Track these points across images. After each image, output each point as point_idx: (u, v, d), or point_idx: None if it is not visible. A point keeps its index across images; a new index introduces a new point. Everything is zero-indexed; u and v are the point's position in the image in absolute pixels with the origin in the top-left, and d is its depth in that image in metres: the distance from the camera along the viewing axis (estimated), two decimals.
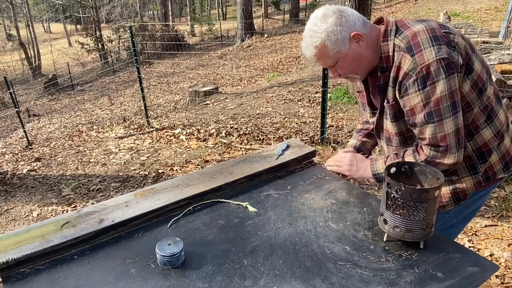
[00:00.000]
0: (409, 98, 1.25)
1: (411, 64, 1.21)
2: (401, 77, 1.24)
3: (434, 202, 1.06)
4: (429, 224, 1.08)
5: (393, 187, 1.07)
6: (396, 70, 1.26)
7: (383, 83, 1.33)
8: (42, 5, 29.27)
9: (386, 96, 1.35)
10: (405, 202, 1.06)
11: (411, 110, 1.26)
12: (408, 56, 1.22)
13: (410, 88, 1.23)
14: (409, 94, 1.24)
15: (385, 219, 1.12)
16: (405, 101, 1.27)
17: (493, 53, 3.69)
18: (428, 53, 1.19)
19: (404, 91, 1.25)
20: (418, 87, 1.21)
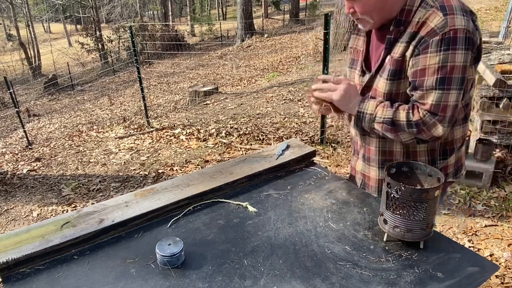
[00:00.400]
0: (426, 57, 1.19)
1: (441, 22, 1.16)
2: (424, 32, 1.18)
3: (434, 202, 1.05)
4: (429, 224, 1.08)
5: (393, 187, 1.06)
6: (419, 25, 1.20)
7: (394, 37, 1.27)
8: (42, 5, 29.27)
9: (392, 51, 1.27)
10: (405, 202, 1.06)
11: (422, 70, 1.20)
12: (440, 13, 1.17)
13: (431, 47, 1.17)
14: (428, 52, 1.18)
15: (385, 219, 1.12)
16: (420, 59, 1.20)
17: (493, 53, 3.69)
18: (459, 19, 1.16)
19: (423, 48, 1.19)
20: (440, 47, 1.16)
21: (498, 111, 3.29)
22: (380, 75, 1.32)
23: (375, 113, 1.27)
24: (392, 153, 1.39)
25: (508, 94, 3.23)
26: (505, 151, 3.38)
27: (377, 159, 1.42)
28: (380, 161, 1.42)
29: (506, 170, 3.25)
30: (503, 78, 3.18)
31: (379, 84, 1.31)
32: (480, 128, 3.38)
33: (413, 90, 1.24)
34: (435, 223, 1.14)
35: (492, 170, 3.11)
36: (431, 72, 1.19)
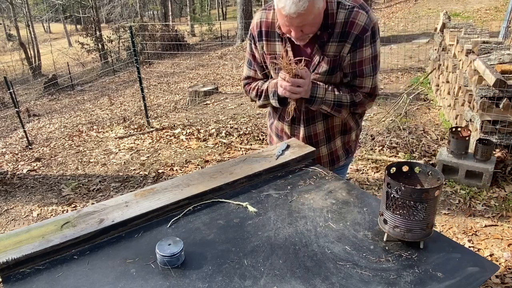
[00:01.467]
0: (362, 50, 1.42)
1: (367, 19, 1.38)
2: (357, 30, 1.38)
3: (434, 202, 1.05)
4: (429, 224, 1.08)
5: (393, 187, 1.07)
6: (348, 25, 1.39)
7: (326, 39, 1.43)
8: (42, 5, 29.26)
9: (325, 52, 1.45)
10: (405, 202, 1.07)
11: (360, 61, 1.44)
12: (363, 12, 1.39)
13: (365, 41, 1.40)
14: (363, 46, 1.41)
15: (385, 219, 1.12)
16: (358, 53, 1.42)
17: (493, 53, 3.69)
18: (372, 14, 1.40)
19: (360, 43, 1.40)
20: (371, 41, 1.41)
21: (498, 111, 3.29)
22: (316, 72, 1.50)
23: (325, 97, 1.49)
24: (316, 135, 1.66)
25: (508, 94, 3.23)
26: (505, 151, 3.38)
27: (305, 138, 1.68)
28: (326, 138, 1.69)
29: (506, 170, 3.25)
30: (503, 78, 3.18)
31: (318, 79, 1.50)
32: (480, 128, 3.38)
33: (352, 79, 1.49)
34: (435, 223, 1.15)
35: (492, 170, 3.11)
36: (367, 61, 1.44)
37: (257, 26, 1.57)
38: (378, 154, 3.89)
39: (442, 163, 3.32)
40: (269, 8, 1.55)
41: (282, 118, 1.72)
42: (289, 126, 1.70)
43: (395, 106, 5.02)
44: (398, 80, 6.60)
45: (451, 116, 4.41)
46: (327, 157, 1.71)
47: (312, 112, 1.60)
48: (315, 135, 1.66)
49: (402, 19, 12.98)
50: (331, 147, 1.70)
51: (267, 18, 1.54)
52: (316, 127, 1.64)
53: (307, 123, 1.63)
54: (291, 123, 1.68)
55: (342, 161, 1.76)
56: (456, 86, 4.24)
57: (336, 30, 1.41)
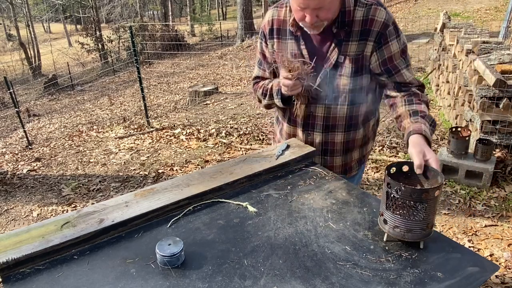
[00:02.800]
0: (389, 46, 1.37)
1: (386, 15, 1.35)
2: (378, 27, 1.34)
3: (434, 202, 1.05)
4: (429, 224, 1.08)
5: (393, 187, 1.06)
6: (368, 23, 1.35)
7: (343, 37, 1.38)
8: (42, 5, 29.26)
9: (346, 51, 1.39)
10: (405, 202, 1.06)
11: (390, 57, 1.38)
12: (381, 8, 1.35)
13: (390, 36, 1.36)
14: (389, 41, 1.36)
15: (385, 219, 1.11)
16: (385, 49, 1.37)
17: (493, 53, 3.69)
18: (389, 11, 1.38)
19: (384, 39, 1.36)
20: (396, 34, 1.37)
21: (498, 111, 3.29)
22: (339, 73, 1.42)
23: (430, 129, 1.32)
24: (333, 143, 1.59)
25: (508, 94, 3.23)
26: (505, 151, 3.38)
27: None
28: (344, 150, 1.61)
29: (506, 170, 3.25)
30: (503, 78, 3.18)
31: (342, 81, 1.42)
32: (480, 128, 3.38)
33: (390, 77, 1.40)
34: (435, 223, 1.15)
35: (492, 170, 3.11)
36: (398, 56, 1.38)
37: (268, 23, 1.53)
38: (378, 154, 3.89)
39: (442, 163, 3.32)
40: (280, 5, 1.51)
41: (293, 122, 1.62)
42: (303, 131, 1.60)
43: None
44: None
45: (451, 116, 4.41)
46: (340, 168, 1.63)
47: (332, 121, 1.51)
48: (332, 144, 1.57)
49: (402, 19, 12.98)
50: (346, 159, 1.62)
51: (279, 16, 1.50)
52: (334, 137, 1.55)
53: (325, 130, 1.54)
54: (303, 128, 1.58)
55: (355, 171, 1.69)
56: (456, 86, 4.24)
57: (355, 28, 1.36)
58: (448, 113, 4.59)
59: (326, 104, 1.48)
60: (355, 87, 1.42)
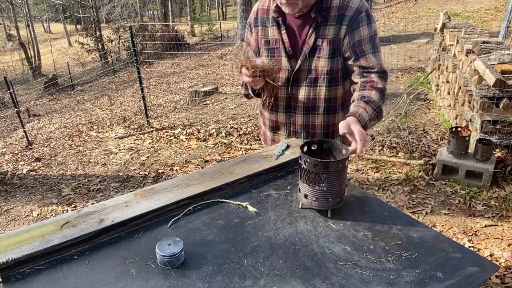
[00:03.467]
0: (359, 30, 1.47)
1: (360, 2, 1.47)
2: (352, 12, 1.46)
3: (336, 175, 1.18)
4: (334, 195, 1.21)
5: (302, 159, 1.21)
6: (343, 9, 1.46)
7: (320, 22, 1.48)
8: (42, 5, 29.25)
9: (324, 34, 1.49)
10: (311, 172, 1.20)
11: (359, 41, 1.48)
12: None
13: (361, 22, 1.46)
14: (360, 26, 1.47)
15: (299, 189, 1.26)
16: (355, 33, 1.47)
17: (493, 53, 3.69)
18: (364, 1, 1.50)
19: (356, 24, 1.46)
20: (367, 21, 1.47)
21: (498, 111, 3.29)
22: (317, 56, 1.52)
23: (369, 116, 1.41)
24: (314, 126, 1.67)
25: (508, 94, 3.23)
26: (505, 151, 3.38)
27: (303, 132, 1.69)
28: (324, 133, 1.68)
29: (506, 170, 3.25)
30: (503, 78, 3.18)
31: (321, 64, 1.52)
32: (480, 128, 3.38)
33: (356, 60, 1.50)
34: (343, 196, 1.26)
35: (492, 170, 3.11)
36: (366, 41, 1.48)
37: (253, 13, 1.67)
38: (378, 154, 3.89)
39: (442, 163, 3.32)
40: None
41: (275, 107, 1.70)
42: (285, 114, 1.68)
43: (395, 106, 5.02)
44: (398, 80, 6.60)
45: (451, 116, 4.41)
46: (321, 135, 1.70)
47: (312, 102, 1.60)
48: (313, 126, 1.66)
49: (402, 19, 12.98)
50: None
51: (263, 6, 1.63)
52: (315, 119, 1.64)
53: (307, 111, 1.63)
54: (286, 110, 1.67)
55: None
56: (456, 86, 4.24)
57: (331, 14, 1.47)
58: (448, 113, 4.59)
59: (307, 85, 1.57)
60: (333, 68, 1.52)
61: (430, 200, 3.12)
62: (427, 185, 3.32)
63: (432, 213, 2.98)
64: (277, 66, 1.60)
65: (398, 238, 1.14)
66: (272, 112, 1.73)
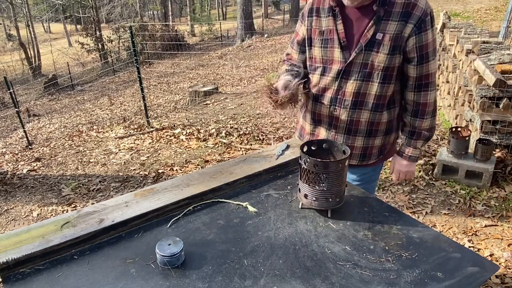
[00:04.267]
0: (427, 33, 1.41)
1: (426, 3, 1.40)
2: (419, 12, 1.39)
3: (336, 175, 1.18)
4: (334, 195, 1.21)
5: (302, 159, 1.21)
6: (410, 6, 1.39)
7: (381, 15, 1.42)
8: (42, 5, 29.24)
9: (384, 29, 1.42)
10: (311, 172, 1.20)
11: (426, 44, 1.43)
12: None
13: (428, 24, 1.41)
14: (427, 29, 1.41)
15: (299, 189, 1.27)
16: (423, 36, 1.42)
17: (493, 53, 3.69)
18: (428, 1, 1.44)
19: (424, 26, 1.40)
20: (430, 24, 1.42)
21: (498, 111, 3.29)
22: (376, 50, 1.45)
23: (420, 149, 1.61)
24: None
25: (508, 94, 3.23)
26: (505, 151, 3.38)
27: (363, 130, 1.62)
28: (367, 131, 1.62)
29: (506, 170, 3.25)
30: (503, 78, 3.18)
31: (378, 59, 1.45)
32: (480, 128, 3.38)
33: (419, 64, 1.46)
34: (343, 196, 1.27)
35: (492, 170, 3.11)
36: (431, 45, 1.44)
37: (309, 4, 1.60)
38: None
39: (442, 163, 3.32)
40: None
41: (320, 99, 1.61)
42: (329, 106, 1.59)
43: None
44: None
45: (451, 116, 4.41)
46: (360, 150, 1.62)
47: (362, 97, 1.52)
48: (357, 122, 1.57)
49: None
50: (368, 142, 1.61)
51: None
52: (360, 115, 1.55)
53: (353, 106, 1.54)
54: (331, 102, 1.58)
55: (373, 159, 1.65)
56: (456, 86, 4.24)
57: (395, 9, 1.40)
58: (448, 113, 4.59)
59: (358, 79, 1.49)
60: (389, 65, 1.46)
61: (430, 200, 3.12)
62: (427, 185, 3.32)
63: (432, 213, 2.98)
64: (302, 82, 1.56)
65: (398, 238, 1.14)
66: (316, 103, 1.63)
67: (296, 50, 1.68)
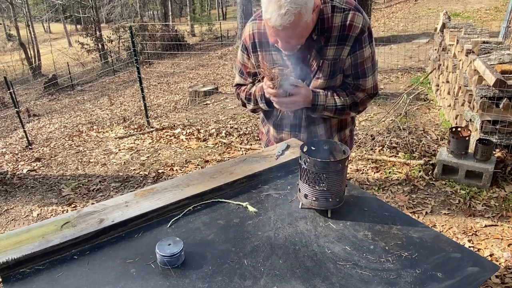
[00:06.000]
0: (363, 51, 1.44)
1: (363, 20, 1.40)
2: (355, 33, 1.40)
3: (336, 175, 1.18)
4: (334, 195, 1.21)
5: (302, 159, 1.21)
6: (346, 28, 1.39)
7: (323, 44, 1.42)
8: (42, 5, 29.25)
9: (324, 56, 1.44)
10: (311, 172, 1.20)
11: (362, 62, 1.46)
12: (359, 14, 1.40)
13: (364, 42, 1.42)
14: (363, 47, 1.43)
15: (299, 189, 1.27)
16: (358, 54, 1.44)
17: (493, 53, 3.69)
18: (365, 15, 1.43)
19: (359, 45, 1.42)
20: (369, 41, 1.44)
21: (498, 111, 3.29)
22: (317, 77, 1.49)
23: (326, 103, 1.51)
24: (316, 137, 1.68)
25: (508, 94, 3.23)
26: (505, 151, 3.38)
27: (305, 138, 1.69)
28: None
29: (506, 170, 3.25)
30: (503, 78, 3.18)
31: (317, 84, 1.50)
32: (480, 128, 3.38)
33: (355, 79, 1.50)
34: (343, 196, 1.28)
35: (492, 170, 3.11)
36: (368, 61, 1.46)
37: (249, 37, 1.57)
38: (378, 154, 3.89)
39: (442, 163, 3.32)
40: (259, 18, 1.53)
41: (279, 127, 1.73)
42: (289, 133, 1.71)
43: (395, 106, 5.02)
44: (398, 80, 6.60)
45: (451, 116, 4.41)
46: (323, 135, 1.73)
47: (312, 118, 1.62)
48: (315, 135, 1.68)
49: (402, 19, 12.99)
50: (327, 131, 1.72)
51: (259, 29, 1.53)
52: (317, 129, 1.66)
53: (308, 127, 1.65)
54: (290, 130, 1.69)
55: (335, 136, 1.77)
56: (456, 86, 4.24)
57: (333, 33, 1.40)
58: (448, 113, 4.59)
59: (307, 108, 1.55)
60: (329, 86, 1.52)
61: (430, 200, 3.12)
62: (427, 185, 3.32)
63: (432, 213, 2.98)
64: None
65: (398, 238, 1.14)
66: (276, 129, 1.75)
67: (249, 80, 1.70)
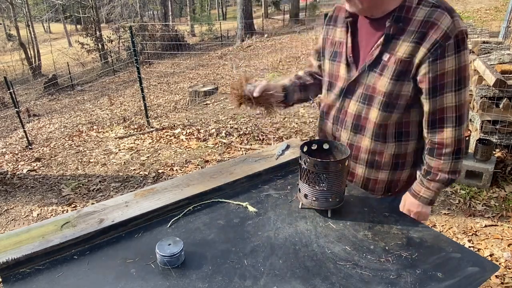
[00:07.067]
0: (444, 61, 1.17)
1: (451, 24, 1.15)
2: (438, 35, 1.15)
3: (336, 175, 1.18)
4: (334, 195, 1.21)
5: (302, 159, 1.21)
6: (427, 26, 1.17)
7: (392, 33, 1.22)
8: (42, 5, 29.26)
9: (392, 49, 1.23)
10: (311, 172, 1.20)
11: (440, 75, 1.19)
12: (448, 15, 1.15)
13: (447, 51, 1.16)
14: (445, 56, 1.17)
15: (299, 189, 1.27)
16: (438, 64, 1.18)
17: (493, 53, 3.69)
18: (460, 21, 1.17)
19: (441, 52, 1.16)
20: (454, 50, 1.16)
21: (498, 111, 3.29)
22: (376, 72, 1.27)
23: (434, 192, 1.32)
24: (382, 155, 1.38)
25: (508, 94, 3.23)
26: (505, 151, 3.38)
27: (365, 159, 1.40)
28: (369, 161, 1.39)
29: (506, 170, 3.25)
30: (503, 78, 3.18)
31: (380, 82, 1.26)
32: (480, 128, 3.38)
33: (432, 97, 1.22)
34: (343, 196, 1.26)
35: (492, 170, 3.11)
36: (449, 75, 1.18)
37: (332, 10, 1.47)
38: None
39: None
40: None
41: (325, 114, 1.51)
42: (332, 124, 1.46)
43: None
44: None
45: None
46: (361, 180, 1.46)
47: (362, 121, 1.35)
48: (357, 148, 1.41)
49: None
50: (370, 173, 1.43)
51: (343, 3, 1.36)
52: (361, 140, 1.38)
53: (354, 129, 1.39)
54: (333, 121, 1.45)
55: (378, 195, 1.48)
56: None
57: (411, 28, 1.19)
58: None
59: (360, 101, 1.34)
60: (393, 92, 1.25)
61: None
62: None
63: (432, 213, 2.98)
64: (276, 92, 1.44)
65: (398, 238, 1.14)
66: (322, 120, 1.52)
67: (314, 58, 1.57)
